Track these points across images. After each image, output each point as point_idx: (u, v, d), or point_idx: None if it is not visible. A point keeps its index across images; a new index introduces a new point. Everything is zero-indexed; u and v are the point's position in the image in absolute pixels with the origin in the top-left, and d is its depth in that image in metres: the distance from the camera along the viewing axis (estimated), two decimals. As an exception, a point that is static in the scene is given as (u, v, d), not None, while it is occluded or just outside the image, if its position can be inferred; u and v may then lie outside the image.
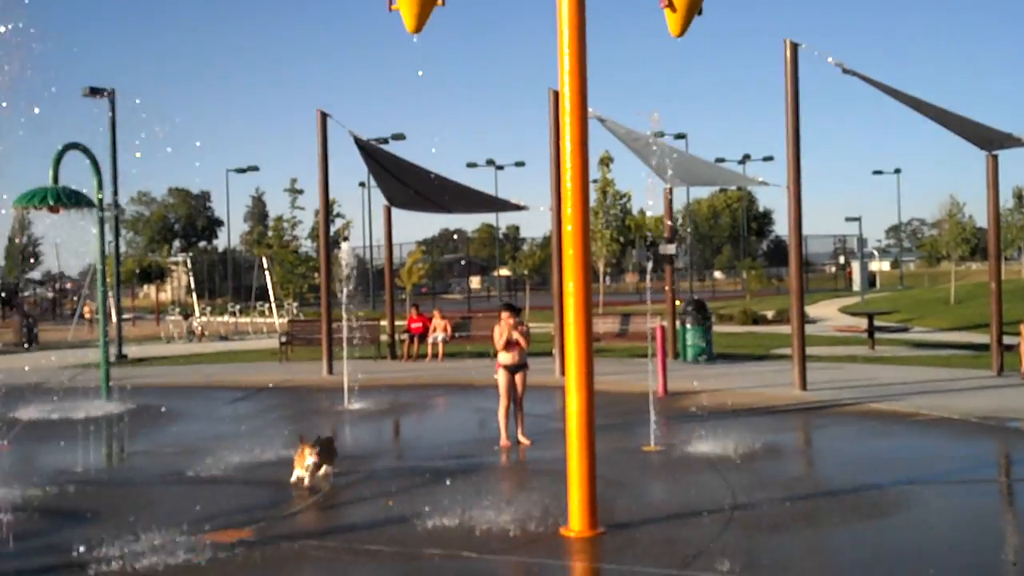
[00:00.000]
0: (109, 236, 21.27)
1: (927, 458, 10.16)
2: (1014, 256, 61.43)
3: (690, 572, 6.32)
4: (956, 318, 32.40)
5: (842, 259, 74.16)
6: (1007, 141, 15.86)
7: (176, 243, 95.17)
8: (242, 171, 63.63)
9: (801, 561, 6.81)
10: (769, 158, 60.22)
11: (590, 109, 7.50)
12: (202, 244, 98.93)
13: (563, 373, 7.54)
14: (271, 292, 40.60)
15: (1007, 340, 16.82)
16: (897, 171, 71.97)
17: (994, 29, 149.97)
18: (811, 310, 38.18)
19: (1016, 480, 9.51)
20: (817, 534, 7.57)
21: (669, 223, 21.72)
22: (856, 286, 54.33)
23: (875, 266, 76.53)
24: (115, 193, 24.36)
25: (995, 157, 16.45)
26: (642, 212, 52.98)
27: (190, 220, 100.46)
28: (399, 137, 50.17)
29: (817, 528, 7.69)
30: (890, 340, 24.62)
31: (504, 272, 67.15)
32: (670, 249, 20.90)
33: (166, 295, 66.07)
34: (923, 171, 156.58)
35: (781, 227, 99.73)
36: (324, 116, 19.15)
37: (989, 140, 16.12)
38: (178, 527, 7.54)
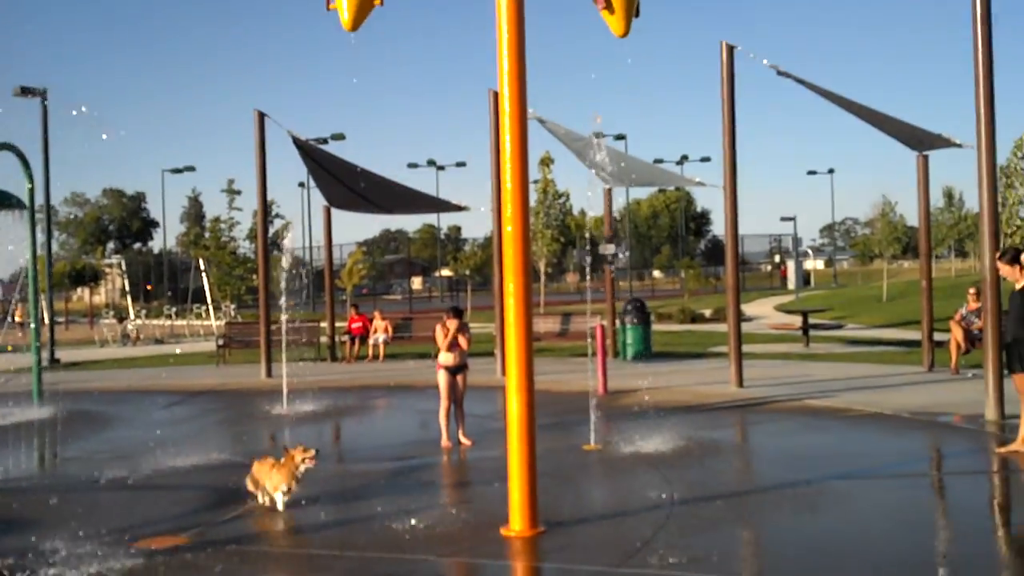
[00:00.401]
0: (41, 238, 20.80)
1: (861, 453, 10.35)
2: (944, 254, 62.99)
3: (629, 569, 6.37)
4: (888, 315, 33.11)
5: (777, 258, 75.35)
6: (937, 142, 16.23)
7: (110, 245, 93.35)
8: (178, 171, 62.63)
9: (738, 555, 6.91)
10: (707, 159, 61.05)
11: (530, 110, 7.52)
12: (137, 246, 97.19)
13: (504, 373, 7.55)
14: (208, 294, 40.06)
15: (938, 336, 17.22)
16: (831, 171, 73.36)
17: (925, 33, 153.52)
18: (747, 308, 38.73)
19: (947, 473, 9.75)
20: (754, 529, 7.68)
21: (609, 223, 21.87)
22: (791, 284, 55.30)
23: (809, 265, 77.92)
24: (47, 194, 23.85)
25: (926, 157, 16.83)
26: (582, 212, 53.38)
27: (124, 221, 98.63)
28: (338, 137, 49.81)
29: (754, 523, 7.80)
30: (824, 337, 25.07)
31: (446, 273, 67.11)
32: (610, 249, 21.05)
33: (100, 298, 64.83)
34: (856, 171, 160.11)
35: (718, 227, 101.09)
36: (261, 116, 18.94)
37: (920, 141, 16.49)
38: (112, 534, 7.41)
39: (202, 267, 41.29)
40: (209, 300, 39.90)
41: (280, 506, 8.20)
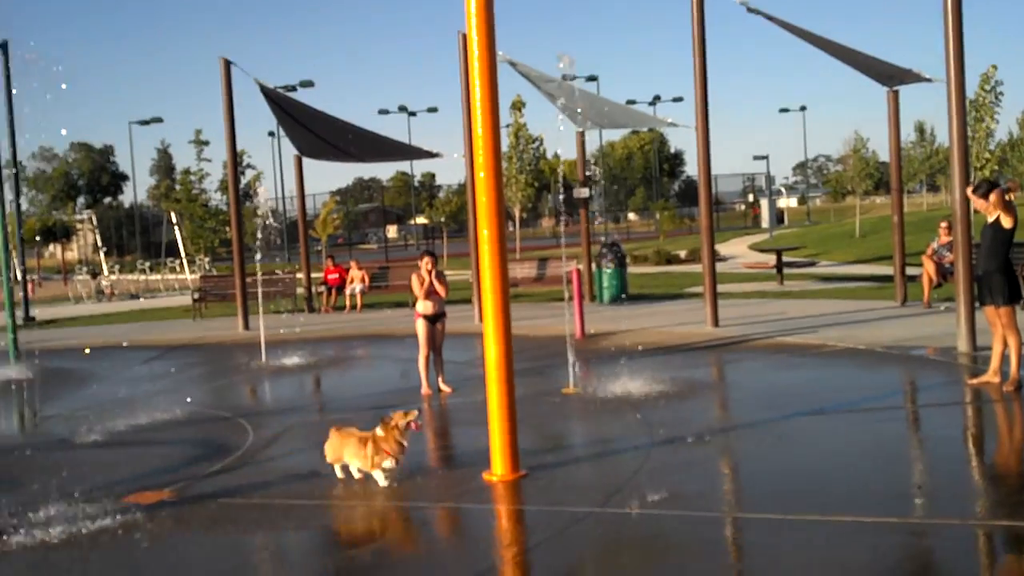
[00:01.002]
0: (9, 195, 20.51)
1: (836, 388, 10.51)
2: (916, 189, 63.34)
3: (610, 508, 6.47)
4: (861, 251, 33.38)
5: (751, 197, 75.57)
6: (907, 76, 16.24)
7: (80, 200, 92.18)
8: (145, 123, 61.74)
9: (717, 492, 7.02)
10: (679, 99, 60.92)
11: (500, 52, 7.46)
12: (108, 200, 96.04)
13: (482, 320, 7.57)
14: (181, 248, 39.79)
15: (910, 271, 17.40)
16: (803, 108, 73.42)
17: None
18: (722, 248, 38.92)
19: (921, 406, 9.91)
20: (732, 466, 7.80)
21: (582, 166, 21.81)
22: (765, 223, 55.50)
23: (783, 203, 78.23)
24: (13, 149, 23.48)
25: (896, 93, 16.86)
26: (556, 156, 53.18)
27: (94, 175, 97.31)
28: (307, 84, 49.22)
29: (732, 461, 7.93)
30: (798, 275, 25.28)
31: (421, 220, 66.88)
32: (584, 192, 21.02)
33: (73, 254, 64.26)
34: (828, 108, 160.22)
35: (692, 168, 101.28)
36: (228, 64, 18.66)
37: (890, 76, 16.49)
38: (98, 491, 7.43)
39: (174, 220, 40.96)
40: (183, 254, 39.63)
41: (384, 482, 7.29)
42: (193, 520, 6.87)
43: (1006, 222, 9.56)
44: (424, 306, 11.31)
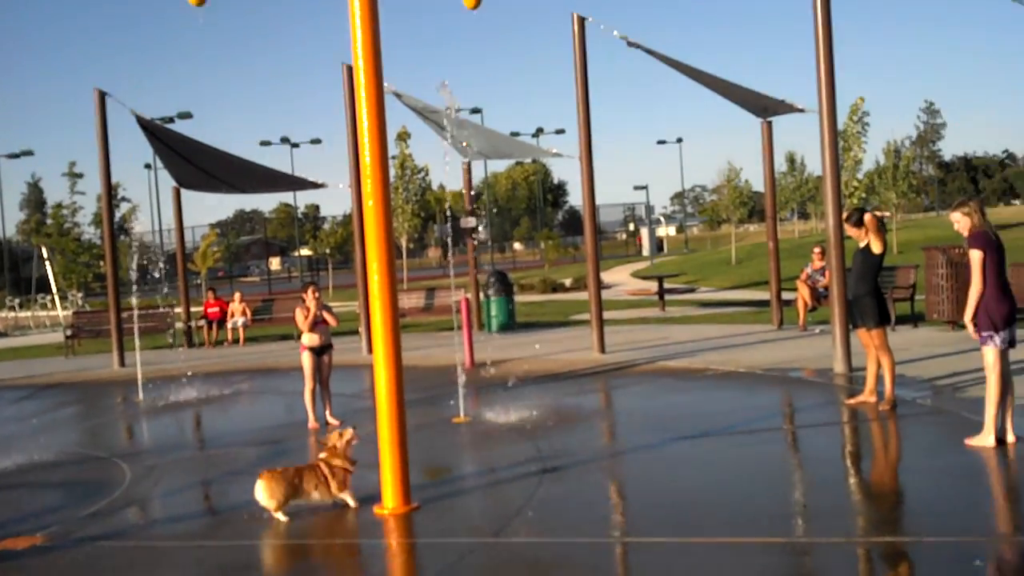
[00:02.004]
0: None
1: (719, 411, 10.71)
2: (788, 217, 65.61)
3: (502, 539, 6.43)
4: (738, 277, 34.37)
5: (632, 226, 77.07)
6: (780, 108, 16.83)
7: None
8: (15, 156, 59.28)
9: (607, 518, 7.06)
10: (561, 131, 61.56)
11: (385, 84, 7.42)
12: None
13: (370, 351, 7.47)
14: (53, 283, 38.24)
15: (785, 295, 17.96)
16: (679, 140, 75.12)
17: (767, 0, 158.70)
18: (606, 276, 39.44)
19: (800, 426, 10.19)
20: (621, 491, 7.87)
21: (468, 197, 21.87)
22: (646, 251, 56.66)
23: (662, 231, 80.00)
24: None
25: (770, 123, 17.46)
26: (441, 187, 53.24)
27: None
28: (185, 116, 48.01)
29: (621, 486, 8.00)
30: (679, 301, 25.85)
31: (305, 252, 65.87)
32: (470, 222, 21.07)
33: (-67, 292, 61.01)
34: (704, 139, 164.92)
35: (575, 198, 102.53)
36: (102, 95, 18.10)
37: (764, 107, 17.07)
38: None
39: (45, 255, 39.35)
40: (55, 289, 38.07)
41: (353, 503, 7.22)
42: (67, 566, 6.54)
43: (876, 247, 9.95)
44: (310, 338, 11.11)
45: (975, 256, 7.90)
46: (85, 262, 39.66)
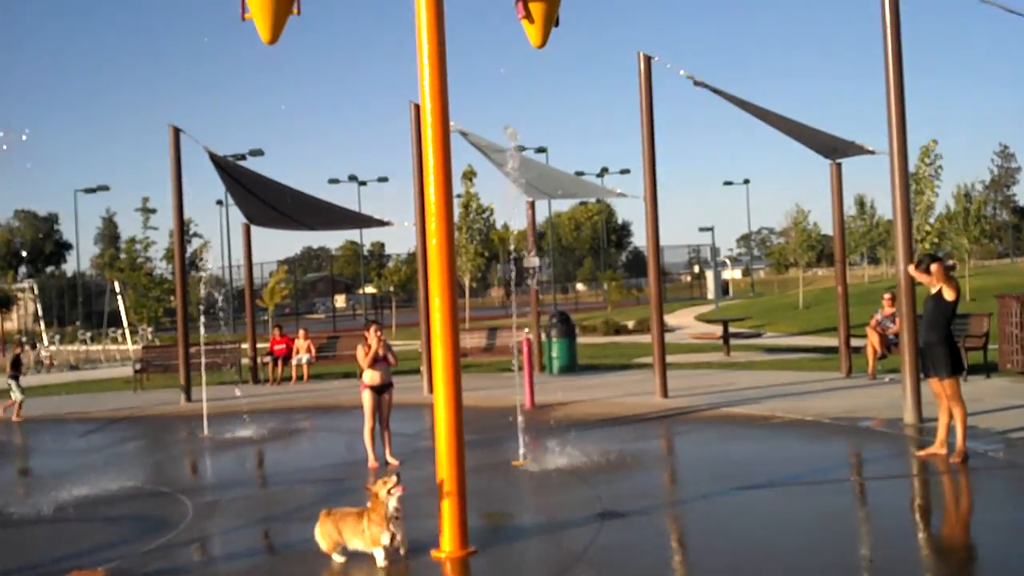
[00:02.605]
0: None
1: (784, 459, 10.49)
2: (857, 261, 64.62)
3: (562, 586, 6.32)
4: (805, 322, 33.79)
5: (697, 268, 76.48)
6: (850, 149, 16.60)
7: (22, 269, 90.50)
8: (92, 191, 60.99)
9: (667, 568, 6.91)
10: (626, 171, 61.48)
11: (452, 122, 7.47)
12: (50, 269, 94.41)
13: (431, 390, 7.45)
14: (124, 317, 39.08)
15: (854, 342, 17.60)
16: (746, 181, 74.52)
17: (837, 40, 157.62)
18: (669, 319, 39.17)
19: (868, 478, 9.92)
20: (682, 541, 7.71)
21: (532, 236, 21.91)
22: (711, 294, 56.10)
23: (728, 274, 79.23)
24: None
25: (839, 165, 17.22)
26: (505, 226, 53.45)
27: (37, 244, 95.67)
28: (257, 153, 49.02)
29: (682, 535, 7.83)
30: (744, 346, 25.46)
31: (370, 290, 66.48)
32: (533, 262, 21.08)
33: (12, 324, 62.84)
34: (771, 181, 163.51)
35: (639, 238, 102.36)
36: (177, 131, 18.56)
37: (833, 149, 16.85)
38: (28, 570, 7.11)
39: (117, 289, 40.26)
40: (125, 323, 38.89)
41: (381, 561, 6.88)
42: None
43: (948, 294, 9.70)
44: (371, 376, 11.15)
45: None
46: (156, 296, 40.47)
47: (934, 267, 9.79)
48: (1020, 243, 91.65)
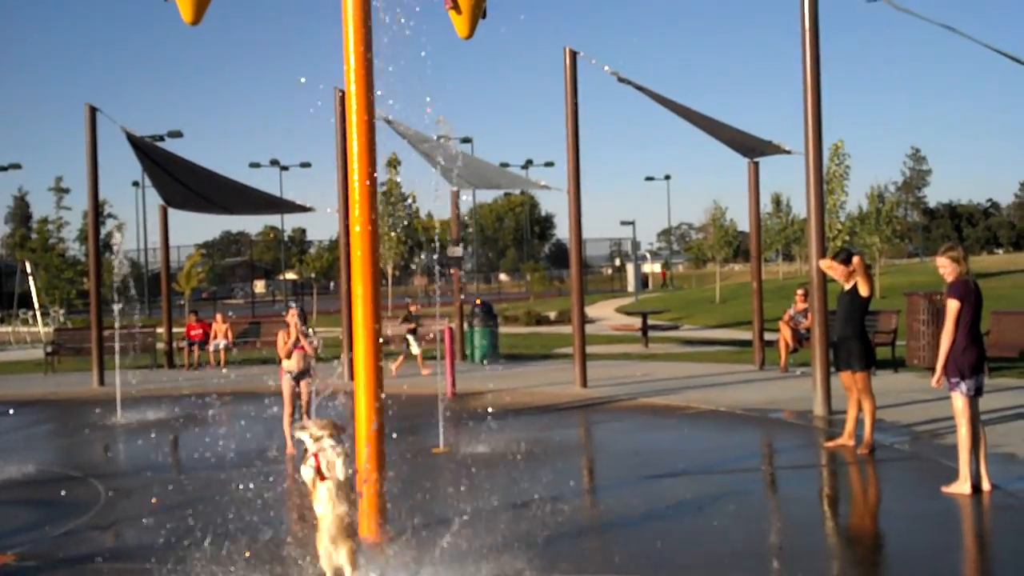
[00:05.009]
0: None
1: (698, 449, 10.74)
2: (772, 258, 65.92)
3: (475, 570, 6.39)
4: (721, 316, 34.46)
5: (618, 261, 77.28)
6: (768, 148, 16.97)
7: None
8: (3, 169, 59.10)
9: (581, 555, 7.03)
10: (550, 163, 61.94)
11: (377, 110, 7.46)
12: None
13: (352, 377, 7.45)
14: (35, 299, 38.00)
15: (768, 336, 18.02)
16: (667, 177, 75.41)
17: (757, 42, 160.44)
18: (590, 310, 39.53)
19: (779, 468, 10.21)
20: (597, 525, 7.84)
21: (456, 225, 21.92)
22: (631, 287, 56.79)
23: (647, 268, 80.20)
24: None
25: (756, 164, 17.59)
26: (429, 215, 53.31)
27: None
28: (176, 134, 47.98)
29: (596, 519, 7.97)
30: (662, 338, 25.88)
31: (290, 276, 65.70)
32: (457, 252, 21.11)
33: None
34: (691, 177, 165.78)
35: (562, 231, 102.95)
36: (93, 110, 18.14)
37: (751, 148, 17.21)
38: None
39: (29, 270, 39.13)
40: (36, 305, 37.82)
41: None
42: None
43: (863, 290, 10.00)
44: (288, 363, 11.08)
45: (951, 306, 8.03)
46: (69, 278, 39.46)
47: (856, 259, 10.08)
48: (929, 243, 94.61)
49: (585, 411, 13.76)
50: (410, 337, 18.44)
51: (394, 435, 9.52)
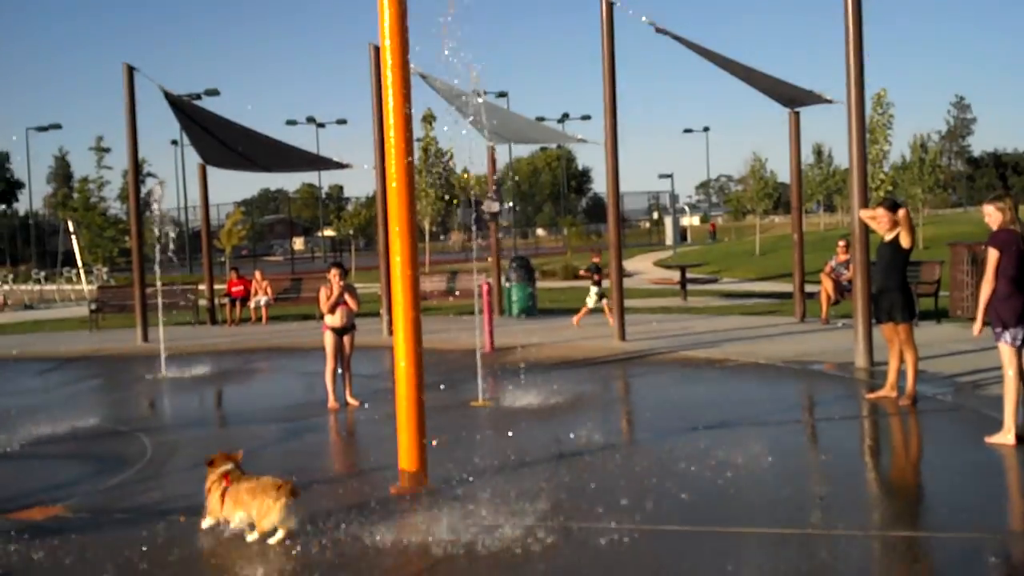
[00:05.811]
0: None
1: (739, 401, 10.70)
2: (814, 209, 65.20)
3: (517, 520, 6.45)
4: (761, 269, 34.19)
5: (656, 215, 76.79)
6: (808, 98, 16.70)
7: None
8: (43, 129, 59.86)
9: (625, 504, 7.06)
10: (587, 117, 61.37)
11: (412, 65, 7.41)
12: (1, 208, 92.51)
13: (391, 333, 7.49)
14: (78, 257, 38.57)
15: (809, 288, 17.87)
16: (706, 129, 74.80)
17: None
18: (628, 264, 39.40)
19: (820, 419, 10.16)
20: (640, 478, 7.86)
21: (492, 181, 21.87)
22: (669, 240, 56.45)
23: (686, 221, 79.68)
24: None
25: (797, 114, 17.33)
26: (465, 170, 53.17)
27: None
28: (213, 92, 48.22)
29: (640, 473, 7.98)
30: (701, 291, 25.75)
31: (328, 233, 65.99)
32: (494, 207, 21.07)
33: (-38, 263, 61.74)
34: (730, 129, 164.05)
35: (599, 184, 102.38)
36: (131, 70, 18.20)
37: (792, 98, 16.94)
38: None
39: (71, 229, 39.68)
40: (80, 263, 38.39)
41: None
42: (86, 535, 6.62)
43: (905, 241, 9.85)
44: (332, 318, 11.16)
45: (991, 255, 7.91)
46: (111, 237, 39.96)
47: (901, 212, 9.93)
48: (973, 193, 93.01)
49: (624, 364, 13.76)
50: (593, 288, 17.93)
51: (433, 389, 9.58)
